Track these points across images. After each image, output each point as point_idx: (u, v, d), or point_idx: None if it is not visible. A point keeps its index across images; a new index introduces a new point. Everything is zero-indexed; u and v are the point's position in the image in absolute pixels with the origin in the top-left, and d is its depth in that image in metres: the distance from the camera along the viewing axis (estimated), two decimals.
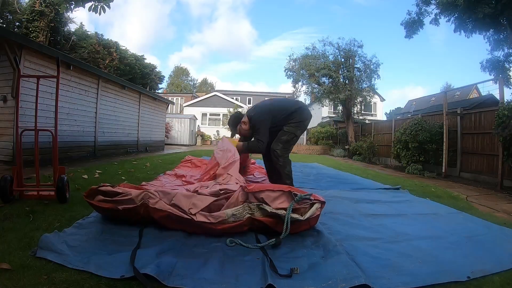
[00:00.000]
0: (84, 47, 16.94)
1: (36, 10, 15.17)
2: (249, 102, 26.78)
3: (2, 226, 1.83)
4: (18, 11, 15.56)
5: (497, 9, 8.38)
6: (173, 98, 24.36)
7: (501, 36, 9.94)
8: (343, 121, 14.48)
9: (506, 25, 9.13)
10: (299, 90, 14.14)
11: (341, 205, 2.84)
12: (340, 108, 14.39)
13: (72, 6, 4.09)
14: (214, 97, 22.77)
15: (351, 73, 12.62)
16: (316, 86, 13.49)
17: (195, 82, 46.82)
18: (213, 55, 78.54)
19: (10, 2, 15.30)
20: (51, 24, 15.67)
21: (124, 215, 1.90)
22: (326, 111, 23.94)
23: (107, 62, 17.24)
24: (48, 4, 15.15)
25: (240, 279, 1.33)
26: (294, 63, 13.59)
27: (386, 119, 16.73)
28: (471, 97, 18.25)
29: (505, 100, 5.05)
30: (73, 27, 18.27)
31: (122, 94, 8.44)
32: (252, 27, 76.42)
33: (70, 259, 1.40)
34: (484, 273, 1.47)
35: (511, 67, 10.50)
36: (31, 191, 2.60)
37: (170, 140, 16.43)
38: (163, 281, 1.25)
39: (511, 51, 10.13)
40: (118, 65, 17.88)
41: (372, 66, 12.79)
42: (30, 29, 15.16)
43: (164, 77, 25.92)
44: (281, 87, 74.73)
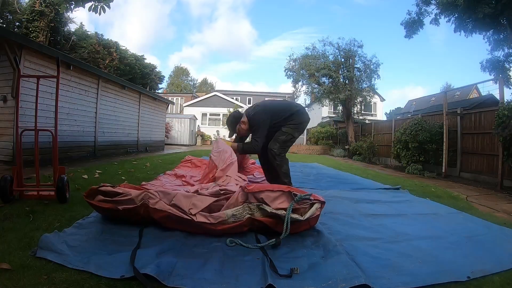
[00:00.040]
0: (84, 47, 16.94)
1: (36, 10, 15.18)
2: (249, 102, 26.76)
3: (2, 226, 1.83)
4: (18, 11, 15.56)
5: (497, 9, 8.38)
6: (173, 98, 24.35)
7: (501, 36, 9.92)
8: (343, 121, 14.48)
9: (506, 25, 9.12)
10: (299, 90, 14.16)
11: (341, 205, 2.84)
12: (340, 108, 14.40)
13: (72, 6, 4.09)
14: (214, 97, 22.77)
15: (351, 73, 12.62)
16: (316, 86, 13.49)
17: (195, 82, 46.87)
18: (213, 55, 78.66)
19: (10, 2, 15.30)
20: (51, 24, 15.67)
21: (124, 215, 1.90)
22: (326, 111, 23.94)
23: (107, 62, 17.24)
24: (48, 4, 15.15)
25: (240, 279, 1.33)
26: (294, 63, 13.59)
27: (386, 119, 16.74)
28: (471, 97, 18.24)
29: (505, 100, 5.05)
30: (73, 27, 18.31)
31: (122, 94, 8.44)
32: (252, 27, 76.52)
33: (70, 259, 1.40)
34: (484, 273, 1.47)
35: (511, 67, 10.51)
36: (31, 191, 2.60)
37: (170, 140, 16.43)
38: (163, 281, 1.25)
39: (511, 51, 10.13)
40: (118, 65, 17.88)
41: (372, 66, 12.81)
42: (30, 29, 15.17)
43: (164, 77, 25.96)
44: (281, 87, 74.90)
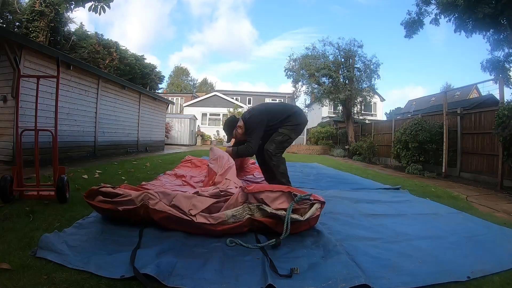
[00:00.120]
0: (84, 47, 16.95)
1: (36, 10, 15.18)
2: (249, 102, 26.76)
3: (2, 226, 1.83)
4: (18, 11, 15.56)
5: (497, 9, 8.38)
6: (173, 98, 24.33)
7: (501, 36, 9.93)
8: (343, 121, 14.48)
9: (506, 25, 9.12)
10: (299, 90, 14.16)
11: (341, 205, 2.84)
12: (340, 108, 14.40)
13: (72, 6, 4.09)
14: (214, 97, 22.76)
15: (351, 73, 12.62)
16: (316, 86, 13.49)
17: (195, 82, 46.85)
18: (214, 55, 78.67)
19: (10, 2, 15.30)
20: (51, 24, 15.68)
21: (124, 216, 1.90)
22: (326, 111, 23.96)
23: (107, 62, 17.25)
24: (48, 4, 15.16)
25: (240, 279, 1.33)
26: (294, 63, 13.59)
27: (386, 119, 16.74)
28: (471, 97, 18.24)
29: (505, 100, 5.05)
30: (73, 27, 18.32)
31: (122, 94, 8.44)
32: (253, 27, 76.52)
33: (70, 259, 1.40)
34: (484, 273, 1.47)
35: (511, 67, 10.52)
36: (31, 191, 2.60)
37: (170, 140, 16.43)
38: (163, 281, 1.25)
39: (511, 51, 10.13)
40: (118, 65, 17.88)
41: (372, 66, 12.81)
42: (30, 29, 15.17)
43: (164, 77, 25.98)
44: (281, 87, 74.98)
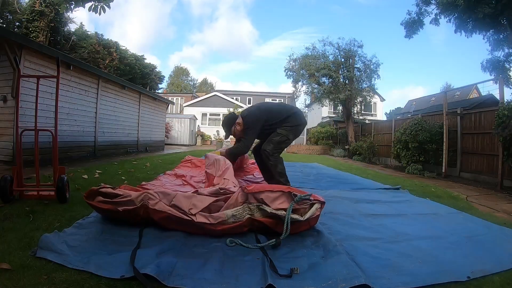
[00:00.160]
0: (84, 47, 16.94)
1: (36, 10, 15.18)
2: (249, 102, 26.75)
3: (2, 226, 1.83)
4: (18, 11, 15.56)
5: (497, 9, 8.38)
6: (173, 98, 24.33)
7: (501, 36, 9.93)
8: (343, 121, 14.48)
9: (506, 25, 9.12)
10: (299, 90, 14.16)
11: (341, 205, 2.84)
12: (340, 108, 14.40)
13: (72, 6, 4.09)
14: (214, 97, 22.77)
15: (351, 73, 12.62)
16: (316, 86, 13.49)
17: (195, 82, 46.86)
18: (214, 55, 78.66)
19: (10, 2, 15.30)
20: (51, 24, 15.68)
21: (124, 217, 1.90)
22: (326, 111, 23.95)
23: (107, 62, 17.25)
24: (48, 4, 15.15)
25: (240, 279, 1.33)
26: (294, 63, 13.59)
27: (386, 119, 16.74)
28: (471, 97, 18.24)
29: (505, 100, 5.05)
30: (73, 27, 18.31)
31: (122, 94, 8.44)
32: (253, 27, 76.51)
33: (70, 259, 1.40)
34: (484, 273, 1.47)
35: (511, 67, 10.52)
36: (31, 191, 2.60)
37: (170, 140, 16.43)
38: (163, 281, 1.25)
39: (511, 51, 10.13)
40: (118, 65, 17.88)
41: (372, 66, 12.81)
42: (30, 29, 15.17)
43: (164, 77, 25.96)
44: (281, 87, 74.96)
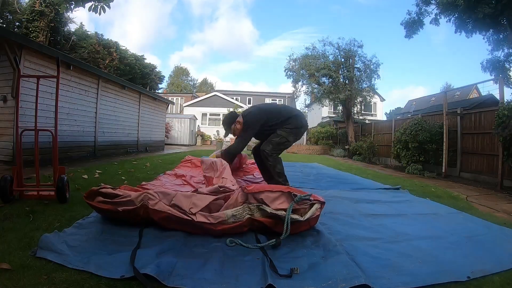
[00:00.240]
0: (84, 47, 16.95)
1: (36, 10, 15.18)
2: (249, 102, 26.74)
3: (2, 226, 1.83)
4: (18, 11, 15.57)
5: (497, 9, 8.38)
6: (173, 98, 24.31)
7: (501, 36, 9.93)
8: (343, 121, 14.48)
9: (506, 25, 9.12)
10: (299, 90, 14.16)
11: (341, 205, 2.84)
12: (340, 108, 14.40)
13: (72, 6, 4.09)
14: (214, 97, 22.76)
15: (351, 73, 12.62)
16: (316, 86, 13.49)
17: (195, 82, 46.86)
18: (214, 55, 78.67)
19: (10, 2, 15.30)
20: (51, 24, 15.68)
21: (124, 217, 1.90)
22: (326, 111, 23.95)
23: (107, 62, 17.25)
24: (48, 4, 15.16)
25: (240, 279, 1.33)
26: (294, 63, 13.59)
27: (386, 119, 16.74)
28: (471, 97, 18.24)
29: (505, 100, 5.05)
30: (73, 27, 18.33)
31: (122, 94, 8.44)
32: (253, 27, 76.49)
33: (70, 259, 1.40)
34: (484, 273, 1.47)
35: (511, 67, 10.52)
36: (31, 191, 2.60)
37: (170, 140, 16.43)
38: (163, 281, 1.25)
39: (511, 51, 10.13)
40: (118, 65, 17.88)
41: (372, 66, 12.81)
42: (30, 29, 15.17)
43: (164, 77, 25.98)
44: (281, 87, 74.96)
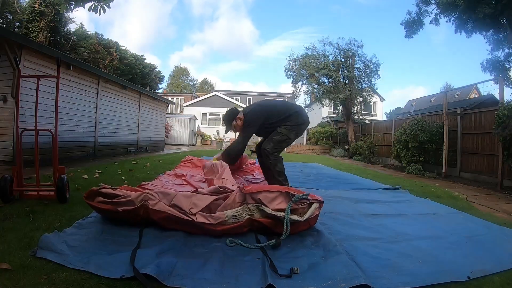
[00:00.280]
0: (84, 47, 16.94)
1: (36, 10, 15.18)
2: (249, 102, 26.73)
3: (2, 226, 1.83)
4: (18, 11, 15.56)
5: (497, 9, 8.38)
6: (173, 98, 24.33)
7: (501, 36, 9.94)
8: (343, 121, 14.47)
9: (506, 25, 9.12)
10: (299, 90, 14.16)
11: (341, 205, 2.84)
12: (340, 108, 14.40)
13: (72, 6, 4.10)
14: (214, 97, 22.76)
15: (351, 73, 12.62)
16: (316, 86, 13.49)
17: (195, 82, 46.85)
18: (215, 55, 78.61)
19: (10, 2, 15.30)
20: (51, 24, 15.67)
21: (124, 217, 1.90)
22: (326, 111, 23.94)
23: (107, 62, 17.24)
24: (48, 4, 15.15)
25: (240, 279, 1.33)
26: (294, 63, 13.59)
27: (386, 119, 16.73)
28: (471, 97, 18.24)
29: (505, 100, 5.05)
30: (73, 27, 18.31)
31: (122, 94, 8.44)
32: (254, 27, 76.48)
33: (70, 259, 1.40)
34: (484, 273, 1.47)
35: (511, 67, 10.52)
36: (31, 191, 2.59)
37: (170, 140, 16.43)
38: (163, 281, 1.25)
39: (511, 51, 10.13)
40: (118, 65, 17.88)
41: (372, 66, 12.80)
42: (30, 29, 15.16)
43: (164, 77, 25.95)
44: (281, 87, 74.86)
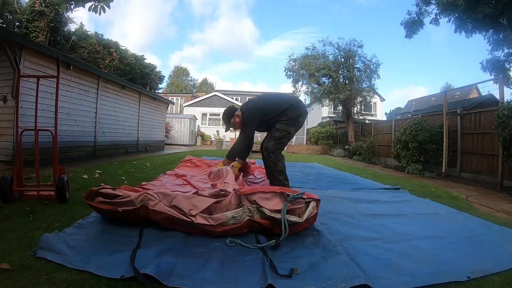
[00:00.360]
0: (84, 47, 16.96)
1: (36, 10, 15.19)
2: None
3: (2, 226, 1.82)
4: (18, 11, 15.57)
5: (497, 9, 8.38)
6: (173, 98, 24.33)
7: (501, 36, 9.94)
8: (343, 121, 14.47)
9: (506, 25, 9.12)
10: (299, 90, 14.14)
11: (341, 205, 2.84)
12: (340, 108, 14.39)
13: (72, 6, 4.09)
14: (214, 97, 22.75)
15: (351, 73, 12.62)
16: (316, 86, 13.49)
17: (195, 82, 46.90)
18: (215, 54, 78.66)
19: (10, 2, 15.31)
20: (51, 24, 15.69)
21: (124, 217, 1.90)
22: (326, 111, 23.94)
23: (107, 62, 17.26)
24: (48, 4, 15.17)
25: (240, 279, 1.33)
26: (294, 63, 13.58)
27: (386, 119, 16.73)
28: (471, 97, 18.24)
29: (505, 100, 5.05)
30: (73, 27, 18.34)
31: (122, 94, 8.43)
32: (254, 26, 76.49)
33: (70, 259, 1.40)
34: (484, 273, 1.47)
35: (511, 67, 10.52)
36: (31, 191, 2.59)
37: (170, 140, 16.43)
38: (163, 281, 1.25)
39: (511, 51, 10.13)
40: (118, 65, 17.89)
41: (372, 66, 12.80)
42: (30, 29, 15.18)
43: (164, 77, 26.01)
44: (282, 87, 74.82)
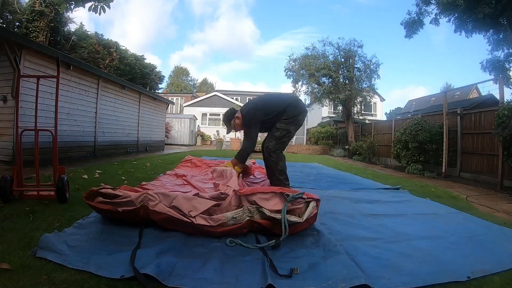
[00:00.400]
0: (84, 47, 16.96)
1: (36, 10, 15.19)
2: None
3: (2, 226, 1.83)
4: (18, 11, 15.57)
5: (497, 9, 8.38)
6: (173, 98, 24.33)
7: (501, 36, 9.94)
8: (343, 121, 14.47)
9: (506, 25, 9.12)
10: (299, 90, 14.13)
11: (341, 205, 2.84)
12: (340, 108, 14.39)
13: (72, 6, 4.09)
14: (214, 97, 22.74)
15: (351, 73, 12.62)
16: (316, 86, 13.49)
17: (195, 82, 46.91)
18: (215, 54, 78.68)
19: (10, 2, 15.31)
20: (51, 24, 15.69)
21: (124, 217, 1.90)
22: (326, 111, 23.96)
23: (107, 62, 17.26)
24: (48, 4, 15.17)
25: (240, 279, 1.33)
26: (294, 63, 13.58)
27: (386, 119, 16.73)
28: (471, 97, 18.25)
29: (505, 100, 5.05)
30: (73, 27, 18.35)
31: (122, 94, 8.43)
32: (255, 26, 76.50)
33: (70, 259, 1.40)
34: (484, 273, 1.47)
35: (511, 67, 10.52)
36: (31, 191, 2.59)
37: (170, 140, 16.42)
38: (163, 281, 1.25)
39: (511, 51, 10.13)
40: (118, 65, 17.89)
41: (372, 66, 12.79)
42: (30, 29, 15.18)
43: (164, 77, 26.01)
44: (282, 87, 74.80)
